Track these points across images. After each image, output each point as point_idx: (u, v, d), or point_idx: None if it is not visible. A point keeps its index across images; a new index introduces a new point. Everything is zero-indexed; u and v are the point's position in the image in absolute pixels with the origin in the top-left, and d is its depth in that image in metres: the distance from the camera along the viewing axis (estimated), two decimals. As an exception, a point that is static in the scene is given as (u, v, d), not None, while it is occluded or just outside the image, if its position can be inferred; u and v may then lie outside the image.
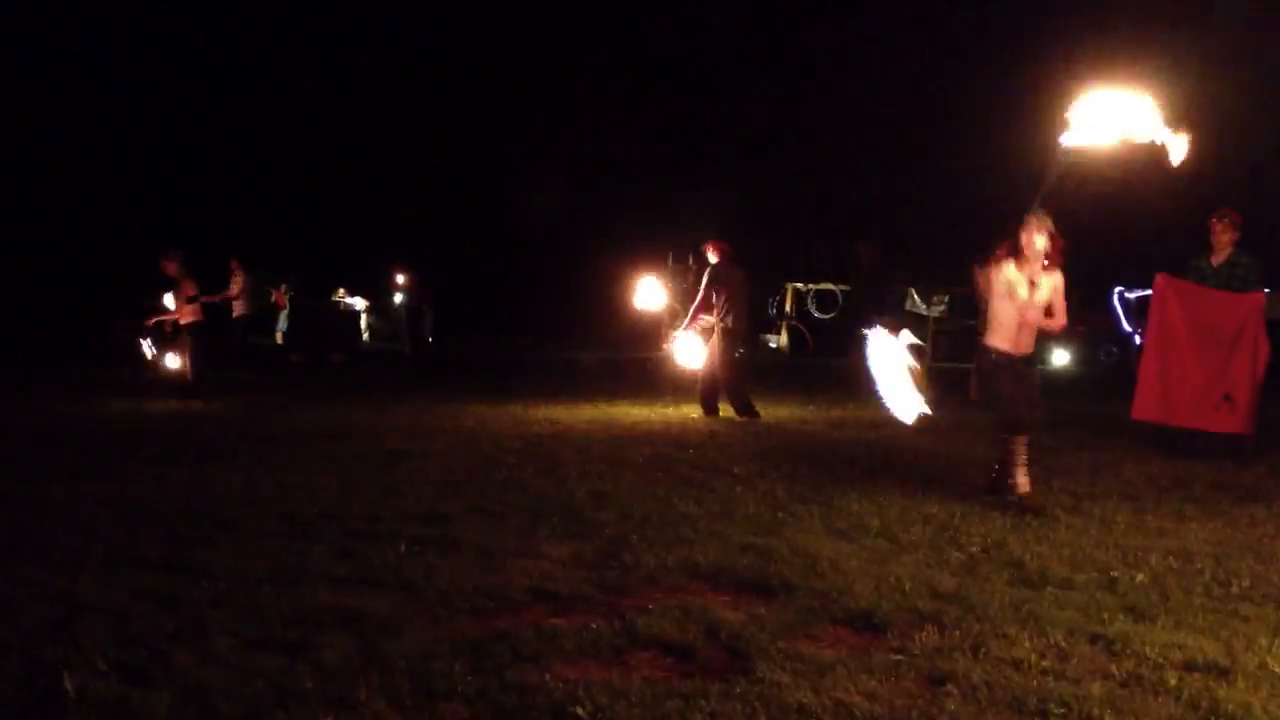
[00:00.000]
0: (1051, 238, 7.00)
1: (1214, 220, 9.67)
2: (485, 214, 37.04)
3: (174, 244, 14.42)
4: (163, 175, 32.70)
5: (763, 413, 12.49)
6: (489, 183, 36.97)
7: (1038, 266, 7.05)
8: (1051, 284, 7.10)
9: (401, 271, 26.14)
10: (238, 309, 20.54)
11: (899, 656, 4.13)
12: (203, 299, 14.11)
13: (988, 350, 7.25)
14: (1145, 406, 9.69)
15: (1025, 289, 7.08)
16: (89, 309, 27.71)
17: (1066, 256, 7.08)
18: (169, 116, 33.46)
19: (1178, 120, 6.78)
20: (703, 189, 32.09)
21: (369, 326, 35.06)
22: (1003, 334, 7.19)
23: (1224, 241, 9.58)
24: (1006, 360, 7.20)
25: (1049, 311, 7.18)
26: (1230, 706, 3.67)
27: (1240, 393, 9.26)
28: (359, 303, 32.95)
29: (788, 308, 31.74)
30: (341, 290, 31.90)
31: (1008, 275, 7.09)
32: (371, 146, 36.88)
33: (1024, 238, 7.02)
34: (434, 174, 36.81)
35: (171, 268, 13.92)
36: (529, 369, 22.31)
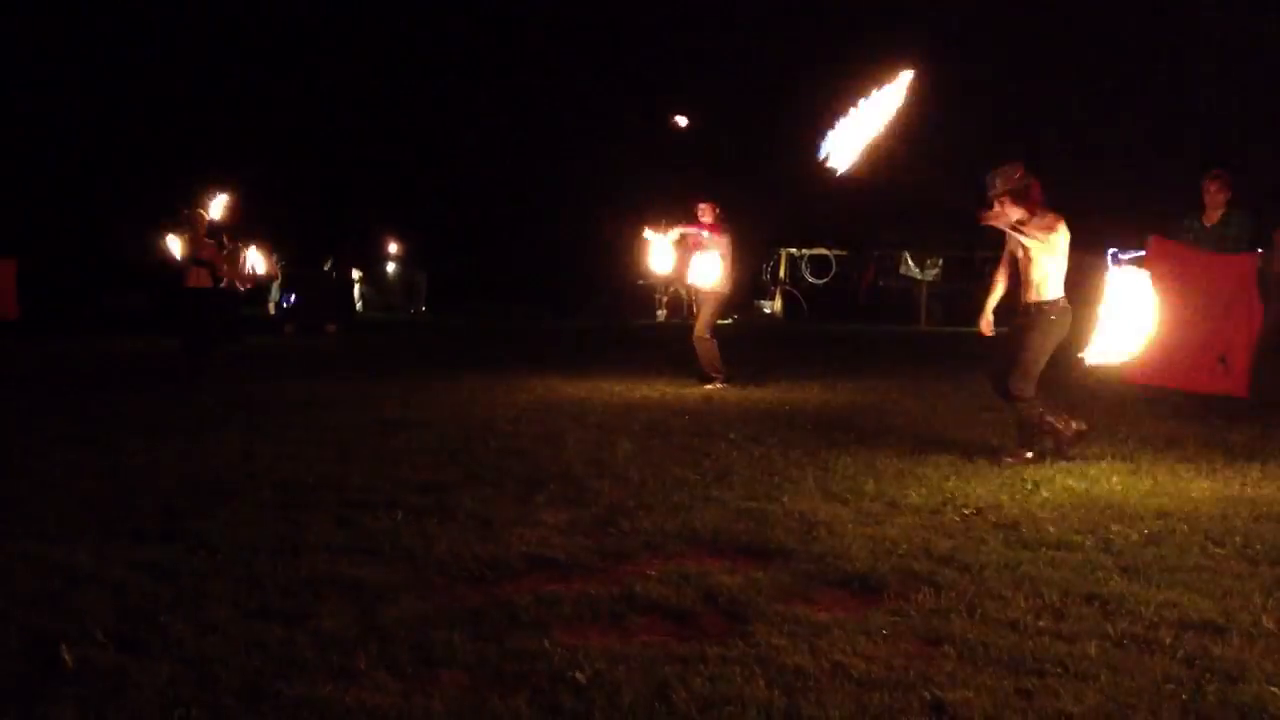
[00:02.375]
0: (1006, 196, 7.09)
1: (1207, 180, 9.64)
2: (480, 183, 36.89)
3: (202, 201, 14.03)
4: (161, 146, 32.52)
5: (758, 378, 12.49)
6: (486, 152, 36.81)
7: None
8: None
9: (394, 240, 26.07)
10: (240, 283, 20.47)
11: (896, 618, 4.15)
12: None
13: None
14: (1139, 368, 9.66)
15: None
16: (82, 279, 27.63)
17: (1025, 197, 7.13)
18: (165, 86, 33.26)
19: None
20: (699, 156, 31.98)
21: (363, 296, 35.01)
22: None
23: (1217, 201, 9.55)
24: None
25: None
26: (1225, 664, 3.69)
27: (1235, 354, 9.25)
28: (354, 273, 32.88)
29: (782, 273, 31.71)
30: (332, 260, 31.79)
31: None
32: (367, 116, 36.68)
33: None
34: (431, 145, 36.63)
35: (195, 220, 13.48)
36: (524, 337, 22.30)
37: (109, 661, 3.64)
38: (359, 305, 33.92)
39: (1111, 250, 26.44)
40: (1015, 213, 7.11)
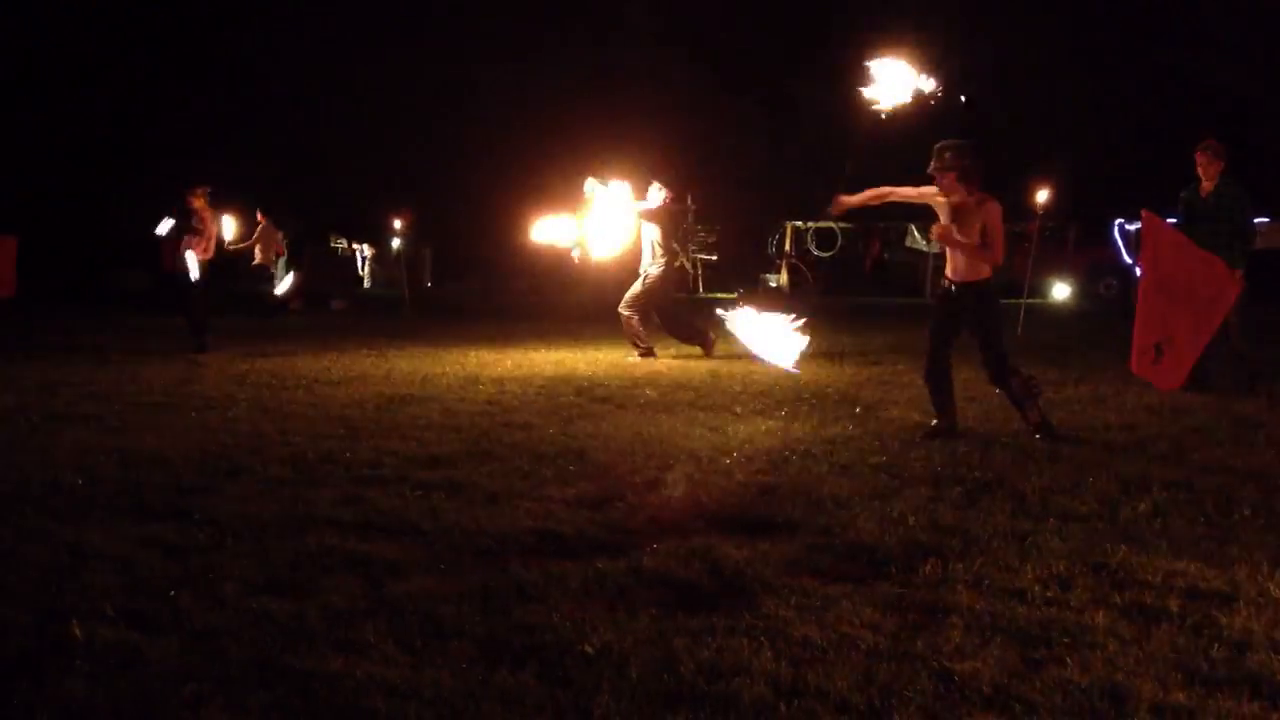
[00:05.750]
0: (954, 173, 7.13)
1: (1198, 153, 9.60)
2: (485, 155, 36.77)
3: (201, 179, 14.08)
4: (160, 119, 32.43)
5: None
6: (489, 126, 36.69)
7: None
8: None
9: (399, 216, 25.96)
10: (257, 258, 20.46)
11: (902, 590, 4.16)
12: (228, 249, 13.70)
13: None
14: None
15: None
16: (89, 257, 27.61)
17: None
18: (162, 58, 33.14)
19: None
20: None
21: (371, 272, 34.97)
22: None
23: (1210, 173, 9.51)
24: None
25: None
26: (1232, 633, 3.70)
27: (1174, 348, 9.08)
28: (366, 249, 32.89)
29: (787, 246, 31.61)
30: (336, 236, 31.77)
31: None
32: (367, 88, 36.56)
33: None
34: (432, 117, 36.52)
35: (198, 202, 13.57)
36: (529, 312, 22.27)
37: (119, 637, 3.67)
38: (366, 281, 33.87)
39: (1118, 221, 26.35)
40: (955, 193, 7.18)
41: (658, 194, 12.35)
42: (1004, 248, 7.23)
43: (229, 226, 18.53)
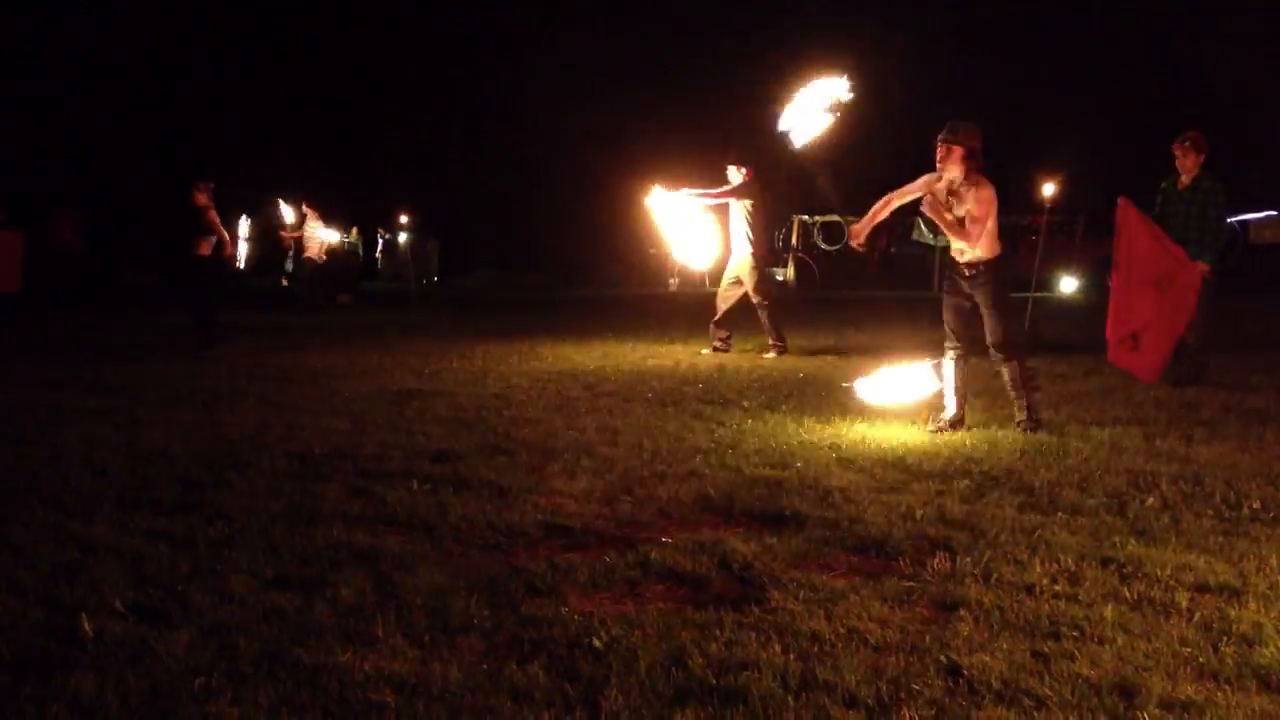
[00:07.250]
0: (961, 149, 7.08)
1: (1175, 145, 9.58)
2: (494, 148, 36.79)
3: (204, 174, 14.13)
4: (171, 112, 32.50)
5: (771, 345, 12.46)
6: (500, 117, 36.72)
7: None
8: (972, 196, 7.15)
9: (405, 211, 26.03)
10: (310, 252, 20.46)
11: (911, 583, 4.16)
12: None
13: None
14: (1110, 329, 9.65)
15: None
16: (95, 251, 27.65)
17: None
18: (174, 53, 33.22)
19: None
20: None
21: (381, 267, 35.04)
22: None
23: (1187, 165, 9.48)
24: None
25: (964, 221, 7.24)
26: (1242, 627, 3.69)
27: (1150, 338, 9.07)
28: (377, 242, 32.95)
29: (794, 240, 31.58)
30: (353, 230, 31.79)
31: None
32: (380, 84, 36.59)
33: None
34: (443, 109, 36.55)
35: (200, 198, 13.65)
36: (537, 306, 22.30)
37: (128, 631, 3.67)
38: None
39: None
40: (954, 170, 7.12)
41: (737, 174, 12.21)
42: (982, 237, 7.08)
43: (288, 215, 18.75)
